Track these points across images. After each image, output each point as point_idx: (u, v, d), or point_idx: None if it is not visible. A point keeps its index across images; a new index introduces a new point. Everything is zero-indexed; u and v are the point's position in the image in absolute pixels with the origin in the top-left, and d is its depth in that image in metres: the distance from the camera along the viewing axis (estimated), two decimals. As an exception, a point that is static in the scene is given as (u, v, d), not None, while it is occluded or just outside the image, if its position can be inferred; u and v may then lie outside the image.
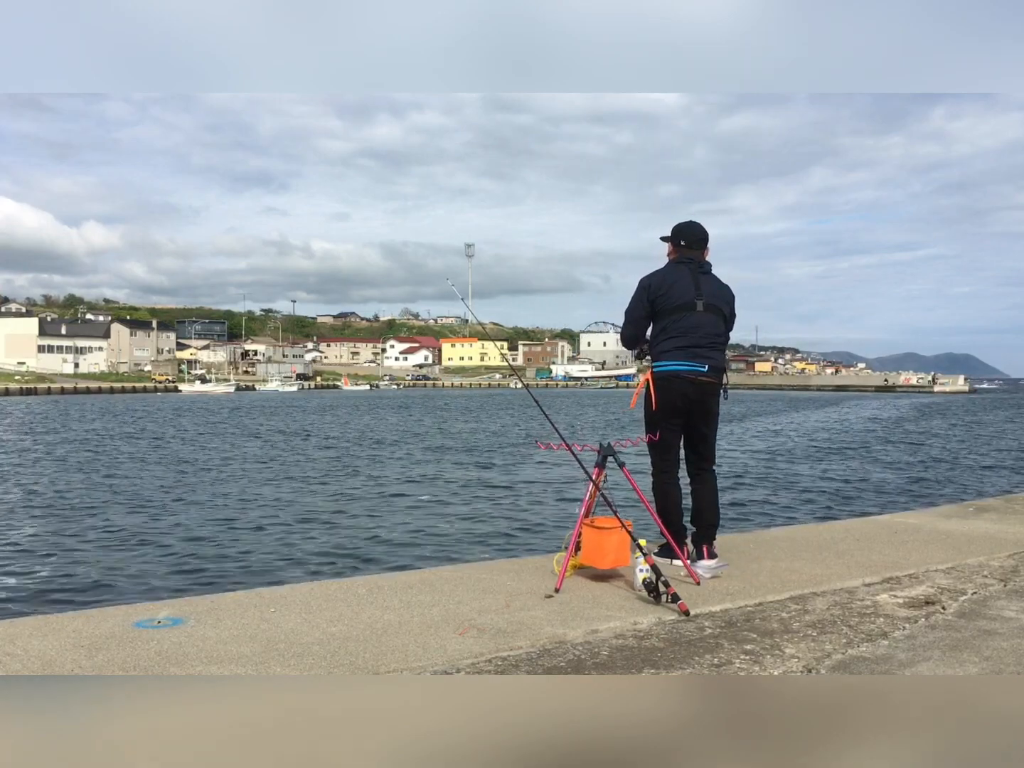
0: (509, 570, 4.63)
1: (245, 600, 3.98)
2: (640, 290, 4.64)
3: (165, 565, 9.90)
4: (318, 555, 10.48)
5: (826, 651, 3.30)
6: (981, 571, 4.64)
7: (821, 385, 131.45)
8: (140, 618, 3.60)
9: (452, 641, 3.34)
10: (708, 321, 4.54)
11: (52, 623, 3.55)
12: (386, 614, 3.71)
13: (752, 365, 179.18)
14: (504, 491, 16.73)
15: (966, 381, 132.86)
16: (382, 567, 9.46)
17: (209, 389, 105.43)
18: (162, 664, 3.03)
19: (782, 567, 4.66)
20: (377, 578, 4.66)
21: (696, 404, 4.54)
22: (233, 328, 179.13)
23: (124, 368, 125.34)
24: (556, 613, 3.74)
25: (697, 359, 4.48)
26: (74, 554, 10.52)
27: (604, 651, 3.27)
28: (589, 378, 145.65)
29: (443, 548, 10.95)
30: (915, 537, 5.59)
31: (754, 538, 5.67)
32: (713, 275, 4.67)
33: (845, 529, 6.01)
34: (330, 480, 18.51)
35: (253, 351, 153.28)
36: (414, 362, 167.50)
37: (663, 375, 4.52)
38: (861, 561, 4.83)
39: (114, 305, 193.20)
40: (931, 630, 3.56)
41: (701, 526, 4.61)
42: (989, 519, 6.35)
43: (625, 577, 4.29)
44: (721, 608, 3.88)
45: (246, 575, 9.34)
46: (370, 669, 3.03)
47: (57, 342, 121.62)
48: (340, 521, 13.05)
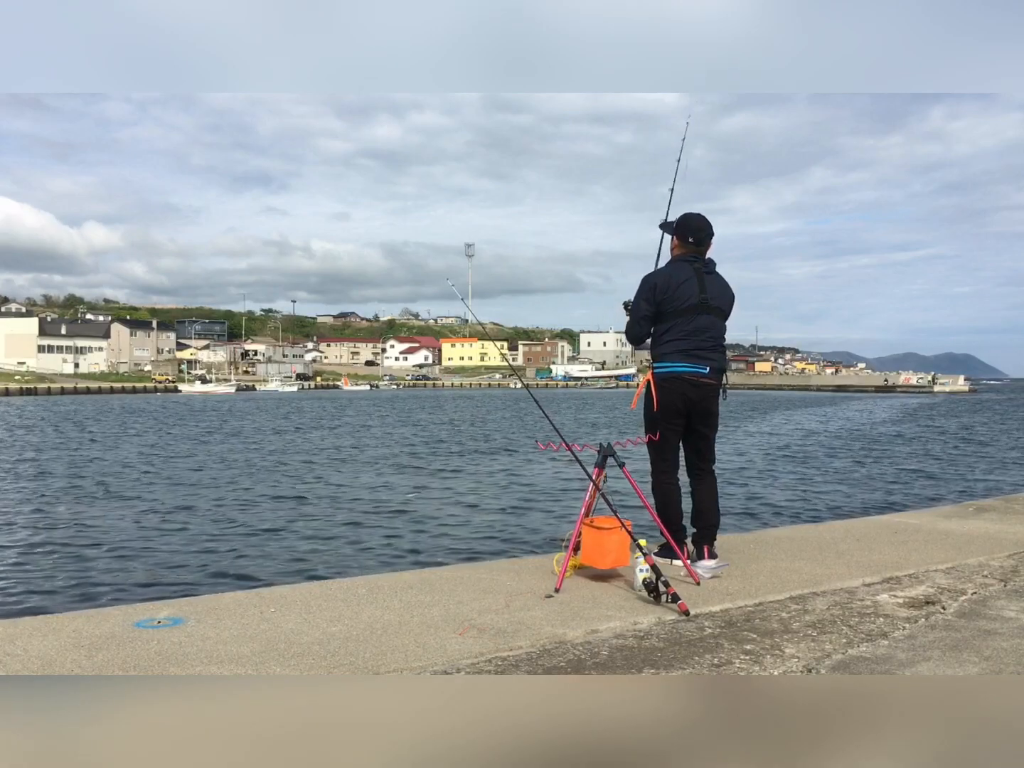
0: (509, 570, 4.63)
1: (245, 600, 3.98)
2: (647, 290, 4.57)
3: (165, 565, 9.90)
4: (318, 555, 10.48)
5: (826, 651, 3.29)
6: (981, 571, 4.64)
7: (821, 385, 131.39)
8: (140, 618, 3.60)
9: (452, 641, 3.34)
10: (711, 323, 4.53)
11: (52, 623, 3.55)
12: (386, 614, 3.71)
13: (752, 365, 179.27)
14: (504, 491, 16.73)
15: (966, 381, 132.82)
16: (382, 567, 9.46)
17: (209, 389, 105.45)
18: (162, 664, 3.03)
19: (782, 567, 4.66)
20: (377, 578, 4.66)
21: (697, 405, 4.54)
22: (233, 328, 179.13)
23: (124, 368, 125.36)
24: (556, 613, 3.74)
25: (699, 361, 4.48)
26: (74, 554, 10.52)
27: (604, 651, 3.27)
28: (589, 378, 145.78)
29: (444, 548, 10.95)
30: (915, 537, 5.59)
31: (754, 538, 5.67)
32: (717, 274, 4.63)
33: (845, 529, 6.01)
34: (330, 480, 18.51)
35: (253, 351, 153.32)
36: (414, 362, 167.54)
37: (664, 376, 4.51)
38: (861, 561, 4.82)
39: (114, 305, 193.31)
40: (931, 630, 3.56)
41: (701, 526, 4.61)
42: (989, 519, 6.35)
43: (625, 577, 4.29)
44: (721, 608, 3.87)
45: (246, 575, 9.34)
46: (370, 669, 3.03)
47: (57, 342, 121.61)
48: (340, 521, 13.04)
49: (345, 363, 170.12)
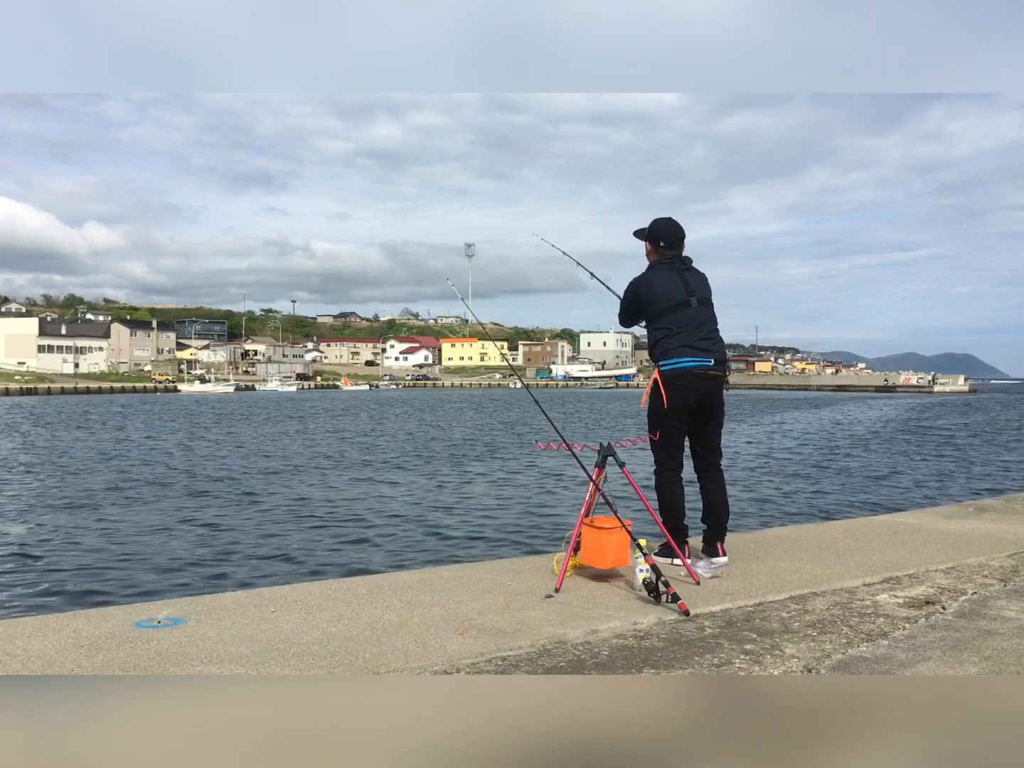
0: (509, 570, 4.63)
1: (245, 600, 3.98)
2: (631, 299, 4.78)
3: (165, 565, 9.90)
4: (318, 555, 10.48)
5: (826, 651, 3.29)
6: (981, 571, 4.64)
7: (821, 385, 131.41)
8: (140, 618, 3.60)
9: (452, 641, 3.34)
10: (705, 314, 4.64)
11: (52, 623, 3.55)
12: (386, 614, 3.71)
13: (752, 365, 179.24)
14: (504, 491, 16.73)
15: (966, 381, 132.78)
16: (382, 567, 9.46)
17: (208, 389, 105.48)
18: (162, 664, 3.03)
19: (782, 567, 4.66)
20: (377, 578, 4.66)
21: (706, 399, 4.58)
22: (233, 328, 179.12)
23: (124, 368, 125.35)
24: (556, 613, 3.74)
25: (704, 353, 4.54)
26: (74, 554, 10.52)
27: (604, 651, 3.27)
28: (589, 378, 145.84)
29: (443, 548, 10.95)
30: (915, 537, 5.58)
31: (754, 538, 5.67)
32: (695, 269, 4.77)
33: (845, 529, 6.01)
34: (330, 480, 18.50)
35: (253, 351, 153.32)
36: (414, 362, 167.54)
37: (672, 373, 4.54)
38: (861, 561, 4.82)
39: (114, 305, 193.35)
40: (931, 630, 3.56)
41: (714, 523, 4.66)
42: (989, 519, 6.35)
43: (625, 577, 4.29)
44: (721, 608, 3.87)
45: (246, 575, 9.34)
46: (370, 669, 3.03)
47: (57, 342, 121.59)
48: (340, 521, 13.04)
49: (345, 363, 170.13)
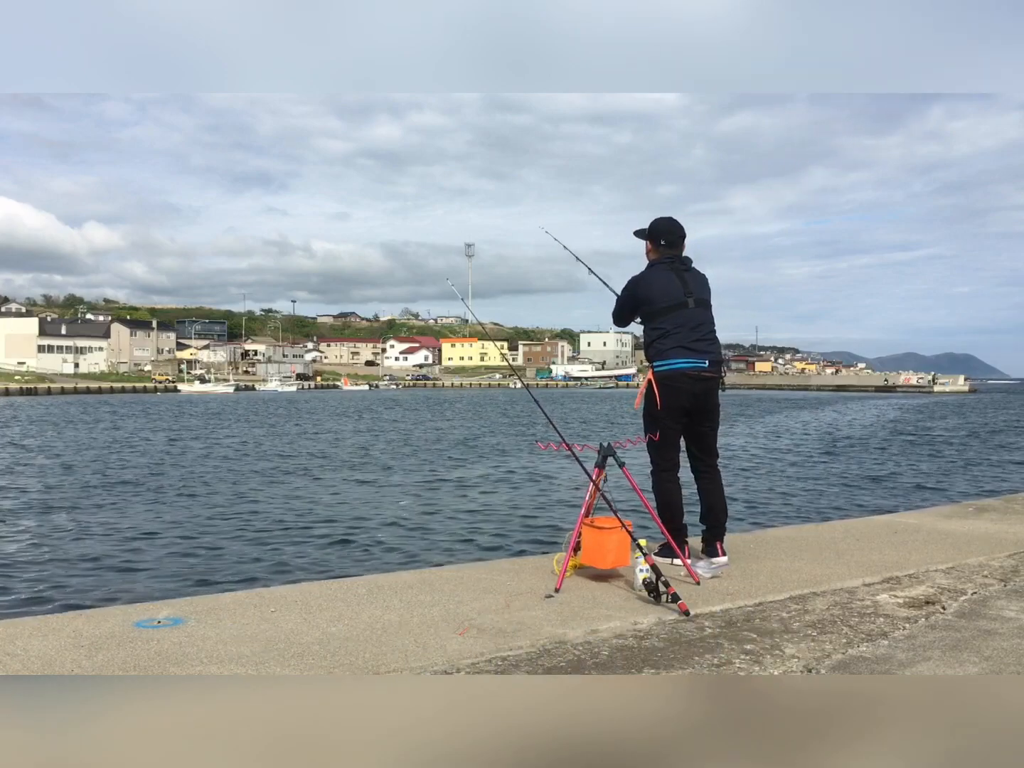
0: (509, 570, 4.63)
1: (245, 600, 3.98)
2: (628, 297, 4.76)
3: (165, 565, 9.89)
4: (318, 555, 10.48)
5: (826, 651, 3.29)
6: (981, 571, 4.64)
7: (821, 385, 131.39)
8: (140, 618, 3.60)
9: (452, 641, 3.34)
10: (702, 315, 4.64)
11: (52, 623, 3.55)
12: (386, 614, 3.71)
13: (752, 365, 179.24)
14: (504, 491, 16.73)
15: (966, 381, 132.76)
16: (382, 567, 9.45)
17: (208, 389, 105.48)
18: (162, 664, 3.03)
19: (782, 567, 4.66)
20: (377, 578, 4.66)
21: (699, 400, 4.58)
22: (233, 328, 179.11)
23: (124, 368, 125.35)
24: (556, 613, 3.74)
25: (698, 355, 4.53)
26: (74, 554, 10.52)
27: (604, 651, 3.27)
28: (589, 378, 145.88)
29: (443, 548, 10.95)
30: (915, 537, 5.58)
31: (754, 538, 5.67)
32: (694, 269, 4.76)
33: (845, 529, 6.01)
34: (329, 480, 18.50)
35: (253, 351, 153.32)
36: (414, 362, 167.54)
37: (666, 374, 4.54)
38: (861, 561, 4.82)
39: (114, 305, 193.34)
40: (931, 630, 3.56)
41: (713, 523, 4.67)
42: (989, 519, 6.35)
43: (625, 577, 4.29)
44: (721, 608, 3.87)
45: (246, 575, 9.33)
46: (370, 669, 3.03)
47: (57, 342, 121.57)
48: (339, 521, 13.04)
49: (345, 363, 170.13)
